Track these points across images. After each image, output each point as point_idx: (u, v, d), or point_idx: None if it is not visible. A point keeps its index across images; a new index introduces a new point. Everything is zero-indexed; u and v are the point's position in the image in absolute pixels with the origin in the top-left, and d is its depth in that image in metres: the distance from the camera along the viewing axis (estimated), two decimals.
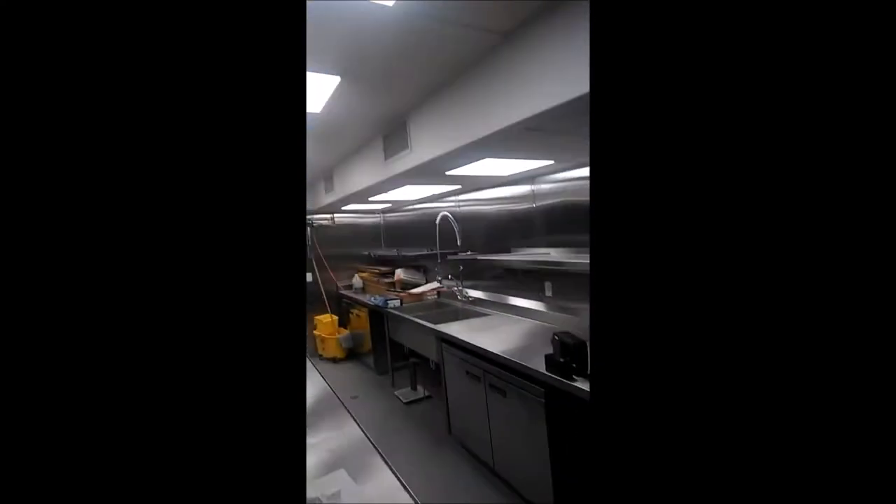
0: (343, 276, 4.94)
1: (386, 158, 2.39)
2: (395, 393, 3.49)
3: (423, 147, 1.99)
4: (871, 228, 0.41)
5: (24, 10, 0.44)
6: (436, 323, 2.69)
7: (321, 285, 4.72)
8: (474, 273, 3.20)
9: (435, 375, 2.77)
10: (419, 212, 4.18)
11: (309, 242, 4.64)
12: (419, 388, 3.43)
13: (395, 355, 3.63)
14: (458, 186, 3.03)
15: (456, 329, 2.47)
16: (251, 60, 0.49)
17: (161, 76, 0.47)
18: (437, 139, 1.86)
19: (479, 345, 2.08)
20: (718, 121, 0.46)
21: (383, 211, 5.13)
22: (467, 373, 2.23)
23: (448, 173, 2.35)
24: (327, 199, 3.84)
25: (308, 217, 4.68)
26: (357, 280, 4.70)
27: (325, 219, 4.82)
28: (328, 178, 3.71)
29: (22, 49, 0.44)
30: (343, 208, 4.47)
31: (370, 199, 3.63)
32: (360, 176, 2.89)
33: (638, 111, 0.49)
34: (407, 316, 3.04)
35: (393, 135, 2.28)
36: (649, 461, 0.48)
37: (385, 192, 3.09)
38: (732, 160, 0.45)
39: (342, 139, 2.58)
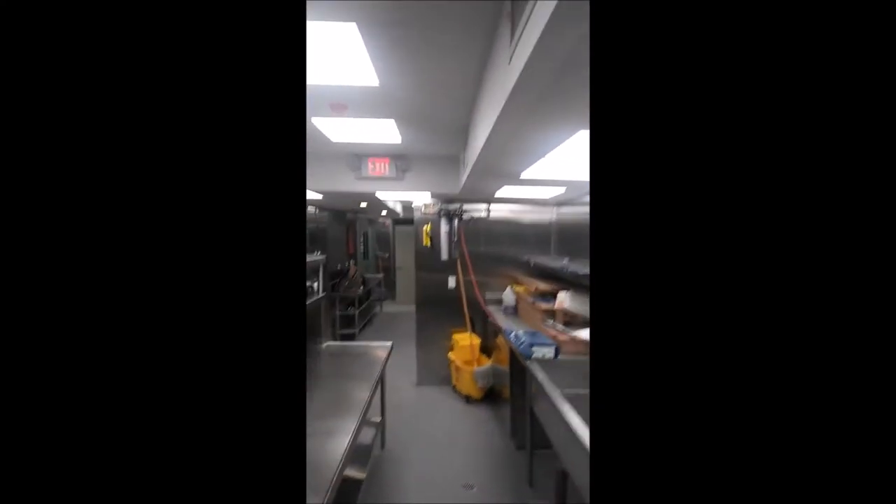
0: (494, 284, 3.69)
1: (512, 40, 0.98)
2: None
3: None
4: (871, 228, 0.42)
5: (28, 11, 0.44)
6: None
7: (463, 292, 3.59)
8: None
9: None
10: None
11: (455, 238, 3.57)
12: None
13: (540, 431, 2.17)
14: None
15: None
16: (248, 44, 0.49)
17: (152, 61, 0.48)
18: None
19: None
20: (723, 121, 0.46)
21: (557, 203, 3.63)
22: None
23: None
24: (463, 174, 2.63)
25: (454, 205, 3.60)
26: (508, 295, 3.37)
27: (479, 210, 3.65)
28: (464, 145, 2.49)
29: (25, 51, 0.45)
30: (497, 194, 3.20)
31: (523, 176, 2.25)
32: (486, 111, 1.52)
33: (640, 111, 0.48)
34: (552, 395, 1.56)
35: None
36: (650, 467, 0.48)
37: (535, 152, 1.66)
38: (735, 164, 0.46)
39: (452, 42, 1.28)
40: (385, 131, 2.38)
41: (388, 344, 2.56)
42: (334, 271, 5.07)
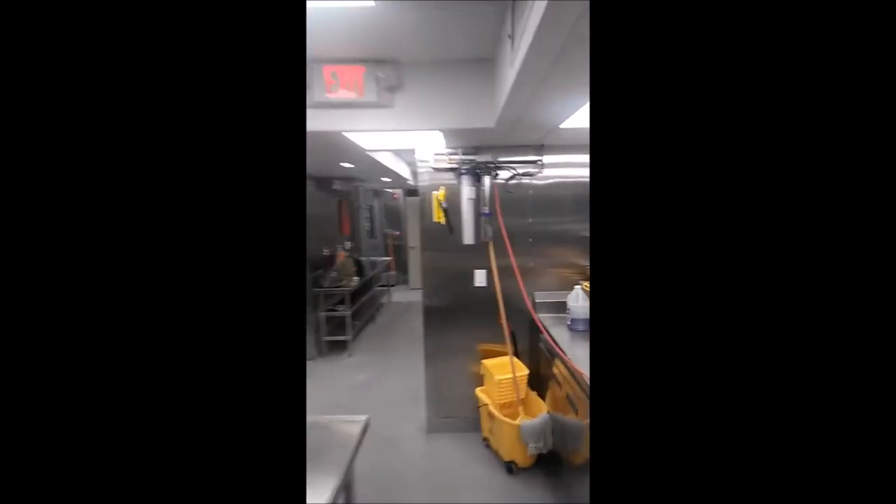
0: (548, 279, 2.35)
1: None
2: None
3: None
4: (871, 225, 0.42)
5: (27, 8, 0.44)
6: None
7: (500, 294, 2.26)
8: None
9: None
10: None
11: (487, 208, 2.21)
12: None
13: None
14: None
15: None
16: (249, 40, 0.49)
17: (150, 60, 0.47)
18: None
19: None
20: (721, 119, 0.46)
21: None
22: None
23: None
24: (507, 78, 1.24)
25: (483, 156, 2.23)
26: (578, 298, 2.03)
27: (524, 163, 2.26)
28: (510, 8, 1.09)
29: (24, 45, 0.44)
30: (565, 125, 1.80)
31: None
32: None
33: (639, 108, 0.48)
34: None
35: None
36: (649, 462, 0.48)
37: None
38: (733, 159, 0.46)
39: None
40: None
41: (361, 420, 1.28)
42: (317, 259, 3.81)
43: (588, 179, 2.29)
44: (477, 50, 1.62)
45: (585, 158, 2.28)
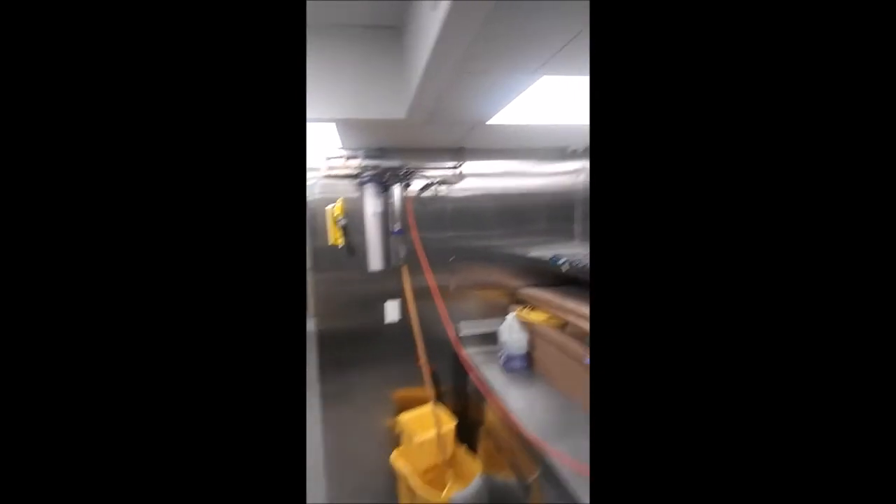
0: (474, 304, 1.99)
1: None
2: None
3: None
4: (872, 226, 0.41)
5: (25, 11, 0.43)
6: None
7: (417, 328, 1.82)
8: None
9: None
10: None
11: (395, 226, 1.77)
12: None
13: None
14: None
15: None
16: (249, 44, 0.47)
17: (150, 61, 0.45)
18: None
19: None
20: (723, 117, 0.44)
21: (586, 153, 2.00)
22: None
23: None
24: (422, 47, 0.84)
25: (392, 162, 1.80)
26: (513, 329, 1.68)
27: (441, 169, 1.88)
28: None
29: (21, 50, 0.44)
30: (494, 120, 1.45)
31: None
32: None
33: (639, 106, 0.46)
34: None
35: None
36: (650, 464, 0.45)
37: None
38: (735, 159, 0.44)
39: None
40: None
41: None
42: None
43: (515, 191, 2.01)
44: (380, 13, 1.20)
45: (513, 166, 1.98)
